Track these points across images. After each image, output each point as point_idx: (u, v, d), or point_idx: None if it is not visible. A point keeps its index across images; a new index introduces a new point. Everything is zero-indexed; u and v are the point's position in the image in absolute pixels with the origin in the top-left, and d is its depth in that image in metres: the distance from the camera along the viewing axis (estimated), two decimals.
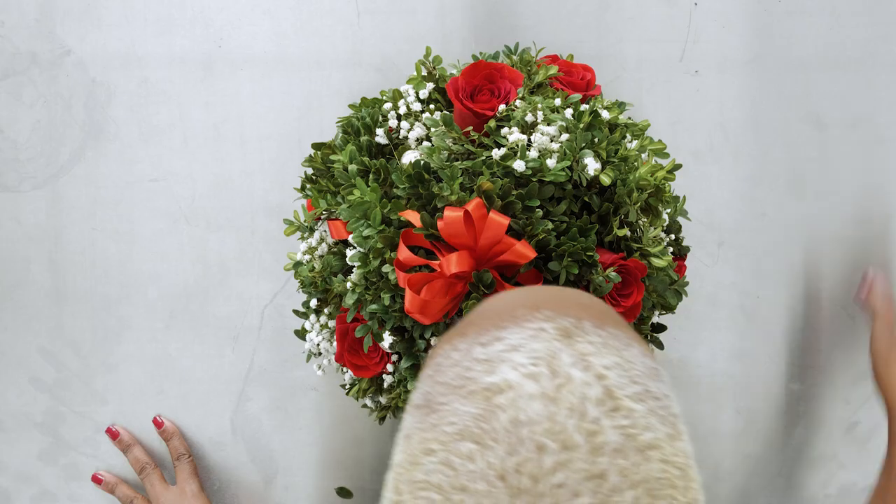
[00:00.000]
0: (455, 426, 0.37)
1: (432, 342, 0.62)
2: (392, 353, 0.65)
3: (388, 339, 0.63)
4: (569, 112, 0.63)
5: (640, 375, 0.39)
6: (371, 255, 0.62)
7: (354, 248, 0.65)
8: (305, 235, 0.72)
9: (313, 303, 0.70)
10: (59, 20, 0.80)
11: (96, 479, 0.84)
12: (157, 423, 0.84)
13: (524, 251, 0.58)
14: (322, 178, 0.70)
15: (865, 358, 0.86)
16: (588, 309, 0.42)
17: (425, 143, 0.65)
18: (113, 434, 0.83)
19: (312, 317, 0.71)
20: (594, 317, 0.41)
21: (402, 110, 0.68)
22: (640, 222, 0.67)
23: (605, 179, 0.62)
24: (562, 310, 0.41)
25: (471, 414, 0.36)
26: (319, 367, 0.73)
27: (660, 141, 0.69)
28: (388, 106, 0.68)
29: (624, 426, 0.36)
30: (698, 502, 0.38)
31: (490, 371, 0.38)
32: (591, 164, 0.61)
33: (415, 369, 0.64)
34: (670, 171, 0.68)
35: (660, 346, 0.71)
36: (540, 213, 0.60)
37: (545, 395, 0.36)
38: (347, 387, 0.72)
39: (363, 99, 0.73)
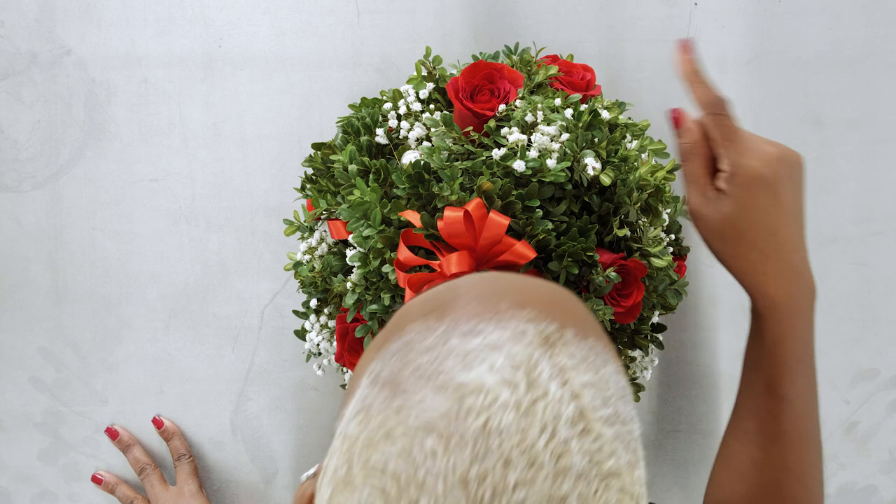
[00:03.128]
0: (421, 419, 0.35)
1: None
2: None
3: None
4: (569, 112, 0.63)
5: (613, 397, 0.38)
6: (371, 256, 0.62)
7: (354, 248, 0.65)
8: (305, 235, 0.72)
9: (313, 303, 0.70)
10: (59, 20, 0.80)
11: (96, 480, 0.84)
12: (157, 423, 0.84)
13: (524, 251, 0.58)
14: (322, 178, 0.70)
15: (865, 358, 0.86)
16: (572, 316, 0.41)
17: (425, 143, 0.65)
18: (113, 434, 0.83)
19: (312, 317, 0.71)
20: (577, 325, 0.40)
21: (402, 110, 0.68)
22: (640, 222, 0.67)
23: (605, 179, 0.62)
24: (547, 313, 0.40)
25: (440, 410, 0.35)
26: (319, 367, 0.73)
27: (660, 141, 0.69)
28: (388, 106, 0.68)
29: (591, 451, 0.36)
30: None
31: (466, 368, 0.37)
32: (591, 164, 0.61)
33: None
34: (670, 171, 0.68)
35: (660, 346, 0.71)
36: (540, 213, 0.60)
37: (519, 407, 0.35)
38: (347, 387, 0.72)
39: (363, 99, 0.73)
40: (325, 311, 0.70)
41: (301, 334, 0.73)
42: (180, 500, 0.81)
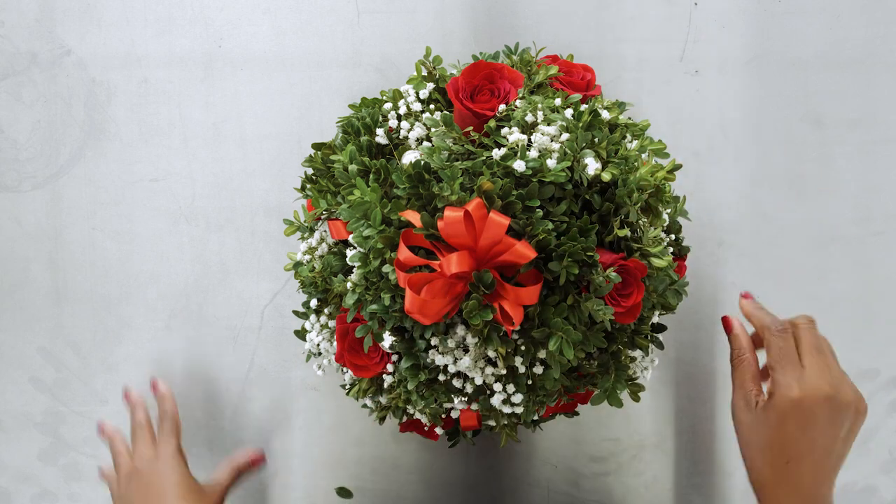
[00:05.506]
0: None
1: (432, 342, 0.62)
2: (392, 353, 0.65)
3: (388, 339, 0.63)
4: (569, 112, 0.63)
5: None
6: (371, 255, 0.61)
7: (354, 248, 0.65)
8: (305, 235, 0.72)
9: (313, 303, 0.70)
10: (59, 20, 0.80)
11: (102, 429, 0.80)
12: (155, 386, 0.80)
13: (524, 251, 0.58)
14: (322, 178, 0.70)
15: (865, 358, 0.86)
16: None
17: (425, 143, 0.65)
18: (129, 397, 0.80)
19: (312, 317, 0.70)
20: None
21: (402, 110, 0.68)
22: (641, 222, 0.67)
23: (606, 176, 0.62)
24: None
25: None
26: (319, 367, 0.73)
27: (660, 141, 0.69)
28: (388, 106, 0.68)
29: None
30: None
31: None
32: (592, 164, 0.61)
33: (415, 369, 0.64)
34: (670, 171, 0.68)
35: (660, 346, 0.71)
36: (540, 213, 0.60)
37: None
38: (347, 387, 0.72)
39: (363, 99, 0.73)
40: (325, 311, 0.70)
41: (301, 334, 0.73)
42: (154, 463, 0.76)
